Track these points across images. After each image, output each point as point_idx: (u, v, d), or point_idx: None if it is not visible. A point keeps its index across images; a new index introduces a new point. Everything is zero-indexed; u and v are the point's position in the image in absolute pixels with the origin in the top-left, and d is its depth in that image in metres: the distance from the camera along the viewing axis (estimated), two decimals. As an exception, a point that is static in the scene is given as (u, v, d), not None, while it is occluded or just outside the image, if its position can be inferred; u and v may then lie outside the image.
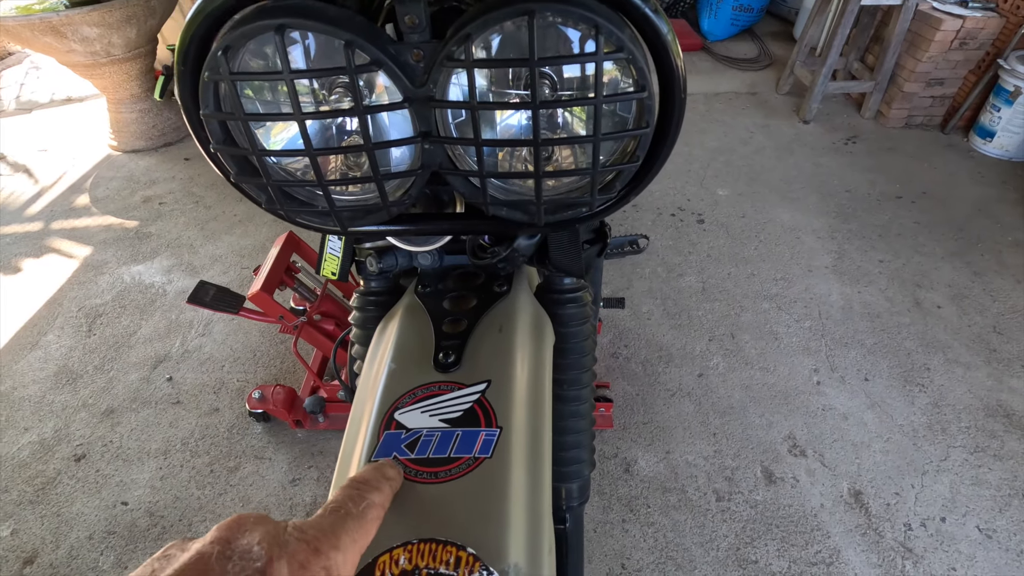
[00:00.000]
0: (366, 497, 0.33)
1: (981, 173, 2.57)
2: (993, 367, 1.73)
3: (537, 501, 0.40)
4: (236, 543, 0.27)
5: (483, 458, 0.41)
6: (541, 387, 0.48)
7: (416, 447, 0.42)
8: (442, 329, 0.51)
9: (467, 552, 0.36)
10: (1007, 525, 1.37)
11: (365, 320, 0.61)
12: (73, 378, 1.77)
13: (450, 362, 0.47)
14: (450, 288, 0.57)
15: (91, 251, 2.27)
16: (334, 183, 0.42)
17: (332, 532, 0.30)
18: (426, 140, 0.41)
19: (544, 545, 0.38)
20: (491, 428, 0.42)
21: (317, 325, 1.52)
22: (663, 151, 0.43)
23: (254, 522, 0.29)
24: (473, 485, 0.39)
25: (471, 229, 0.49)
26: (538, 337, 0.54)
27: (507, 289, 0.56)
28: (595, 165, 0.40)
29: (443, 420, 0.43)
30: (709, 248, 2.20)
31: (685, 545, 1.35)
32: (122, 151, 2.89)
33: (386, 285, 0.62)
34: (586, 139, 0.39)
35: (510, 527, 0.37)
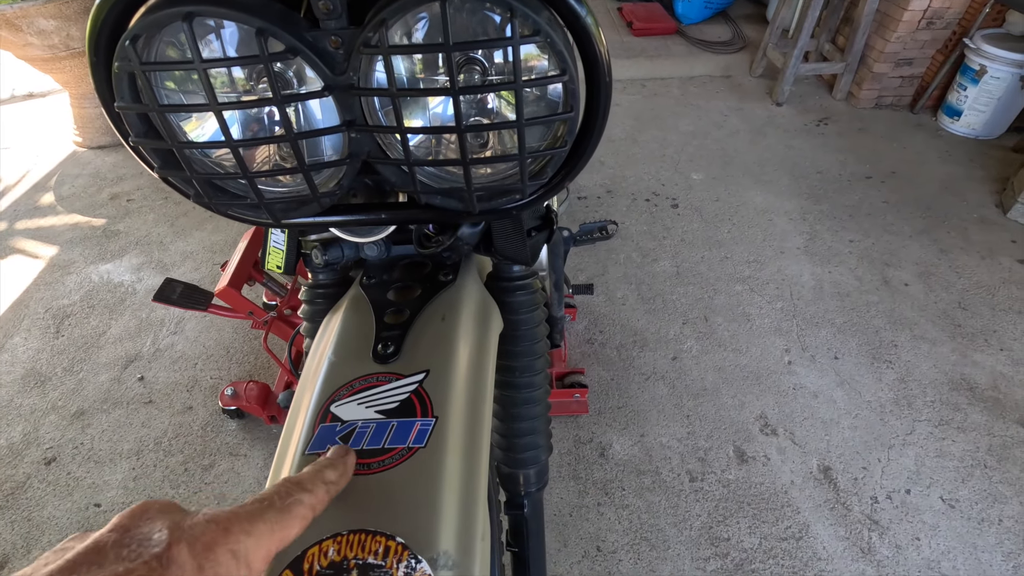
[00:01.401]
0: (294, 495, 0.32)
1: (949, 152, 2.61)
2: (958, 342, 1.77)
3: (471, 489, 0.40)
4: (135, 530, 0.26)
5: (417, 448, 0.41)
6: (482, 375, 0.48)
7: (351, 439, 0.41)
8: (384, 320, 0.51)
9: (396, 541, 0.36)
10: (969, 495, 1.41)
11: (313, 313, 0.61)
12: (41, 380, 1.74)
13: (389, 353, 0.47)
14: (396, 279, 0.57)
15: (57, 251, 2.22)
16: (259, 175, 0.41)
17: (247, 518, 0.29)
18: (351, 129, 0.40)
19: (476, 532, 0.38)
20: (427, 418, 0.42)
21: (288, 320, 1.50)
22: (592, 136, 0.43)
23: (159, 509, 0.28)
24: (405, 475, 0.39)
25: (407, 219, 0.49)
26: (483, 325, 0.54)
27: (452, 278, 0.56)
28: (522, 150, 0.40)
29: (379, 411, 0.43)
30: (683, 232, 2.21)
31: (659, 526, 1.37)
32: (87, 147, 2.82)
33: (334, 277, 0.61)
34: (510, 124, 0.39)
35: (441, 515, 0.38)
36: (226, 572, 0.27)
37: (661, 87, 3.21)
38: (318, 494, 0.34)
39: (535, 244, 0.60)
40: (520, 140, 0.39)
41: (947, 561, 1.29)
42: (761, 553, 1.32)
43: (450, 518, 0.38)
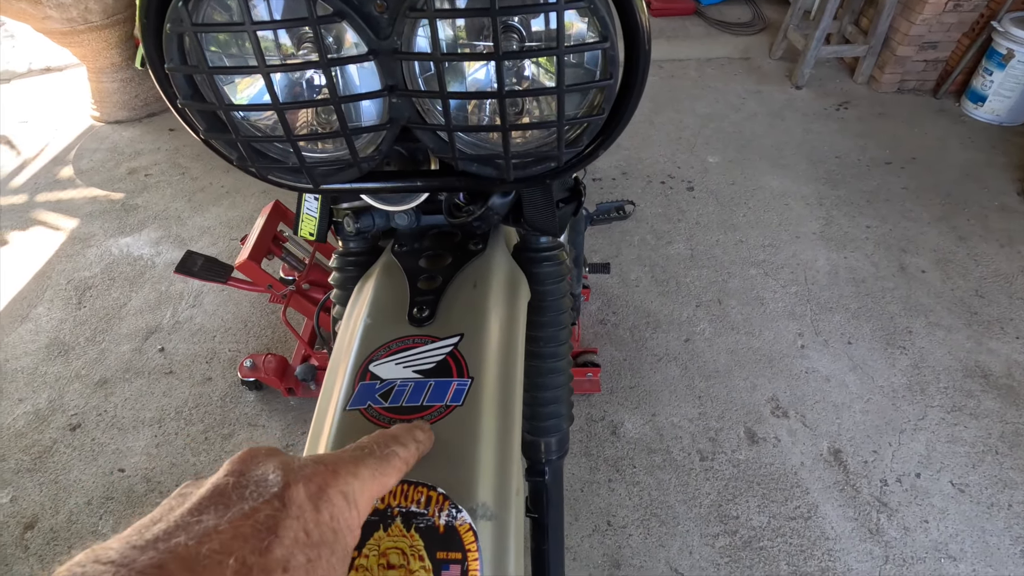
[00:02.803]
0: (390, 446, 0.33)
1: (971, 138, 2.57)
2: (973, 329, 1.76)
3: (506, 446, 0.42)
4: (250, 473, 0.27)
5: (454, 406, 0.42)
6: (513, 341, 0.49)
7: (390, 396, 0.43)
8: (417, 286, 0.52)
9: (437, 492, 0.37)
10: (979, 480, 1.42)
11: (344, 280, 0.62)
12: (65, 350, 1.78)
13: (424, 316, 0.48)
14: (426, 247, 0.58)
15: (78, 223, 2.25)
16: (302, 138, 0.42)
17: (351, 462, 0.30)
18: (392, 93, 0.41)
19: (512, 486, 0.40)
20: (463, 378, 0.44)
21: (306, 294, 1.52)
22: (629, 103, 0.43)
23: (266, 454, 0.28)
24: (445, 431, 0.41)
25: (442, 186, 0.49)
26: (512, 294, 0.55)
27: (482, 247, 0.57)
28: (560, 117, 0.40)
29: (416, 371, 0.45)
30: (698, 215, 2.21)
31: (669, 502, 1.39)
32: (105, 122, 2.84)
33: (364, 246, 0.62)
34: (550, 91, 0.39)
35: (479, 469, 0.39)
36: (339, 512, 0.27)
37: (678, 69, 3.16)
38: (410, 449, 0.35)
39: (563, 215, 0.61)
40: (559, 106, 0.40)
41: (955, 544, 1.31)
42: (770, 531, 1.34)
43: (487, 472, 0.39)
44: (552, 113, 0.44)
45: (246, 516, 0.24)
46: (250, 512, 0.25)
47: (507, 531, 0.38)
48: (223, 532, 0.23)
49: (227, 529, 0.24)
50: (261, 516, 0.25)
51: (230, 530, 0.24)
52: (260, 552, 0.23)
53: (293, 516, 0.25)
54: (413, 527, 0.36)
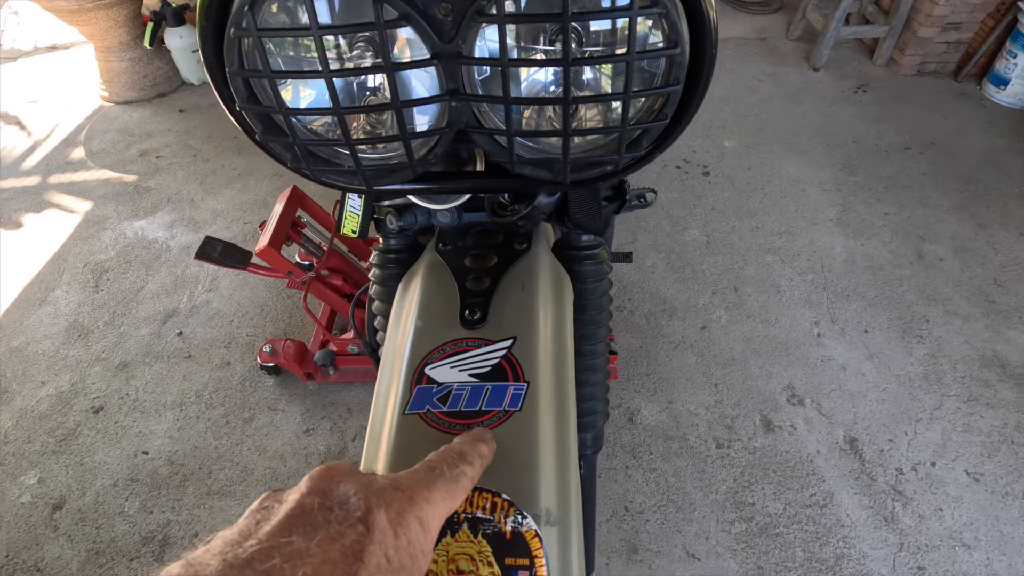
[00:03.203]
0: (459, 466, 0.34)
1: (992, 123, 2.53)
2: (991, 319, 1.76)
3: (564, 451, 0.42)
4: (333, 493, 0.27)
5: (512, 411, 0.42)
6: (563, 343, 0.50)
7: (448, 400, 0.43)
8: (466, 286, 0.52)
9: (502, 498, 0.38)
10: (994, 469, 1.43)
11: (385, 277, 0.62)
12: (85, 333, 1.79)
13: (476, 319, 0.48)
14: (470, 246, 0.58)
15: (91, 206, 2.25)
16: (361, 142, 0.42)
17: (426, 486, 0.30)
18: (454, 98, 0.41)
19: (572, 491, 0.41)
20: (519, 383, 0.44)
21: (325, 280, 1.53)
22: (691, 107, 0.42)
23: (345, 473, 0.29)
24: (504, 436, 0.41)
25: (495, 187, 0.49)
26: (558, 294, 0.55)
27: (527, 247, 0.57)
28: (624, 123, 0.40)
29: (472, 375, 0.45)
30: (714, 201, 2.19)
31: (685, 489, 1.41)
32: (114, 102, 2.82)
33: (406, 243, 0.62)
34: (617, 96, 0.39)
35: (541, 475, 0.40)
36: (415, 538, 0.28)
37: (693, 49, 3.10)
38: (476, 467, 0.36)
39: (606, 213, 0.60)
40: (624, 112, 0.40)
41: (969, 532, 1.32)
42: (785, 518, 1.35)
43: (549, 478, 0.40)
44: (612, 117, 0.44)
45: (333, 539, 0.25)
46: (336, 535, 0.25)
47: (570, 536, 0.39)
48: (313, 556, 0.24)
49: (316, 552, 0.24)
50: (347, 540, 0.25)
51: (319, 553, 0.24)
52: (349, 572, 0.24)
53: (376, 541, 0.26)
54: (480, 533, 0.37)
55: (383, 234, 0.62)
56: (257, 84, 0.42)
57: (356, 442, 1.51)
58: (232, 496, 1.41)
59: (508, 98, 0.39)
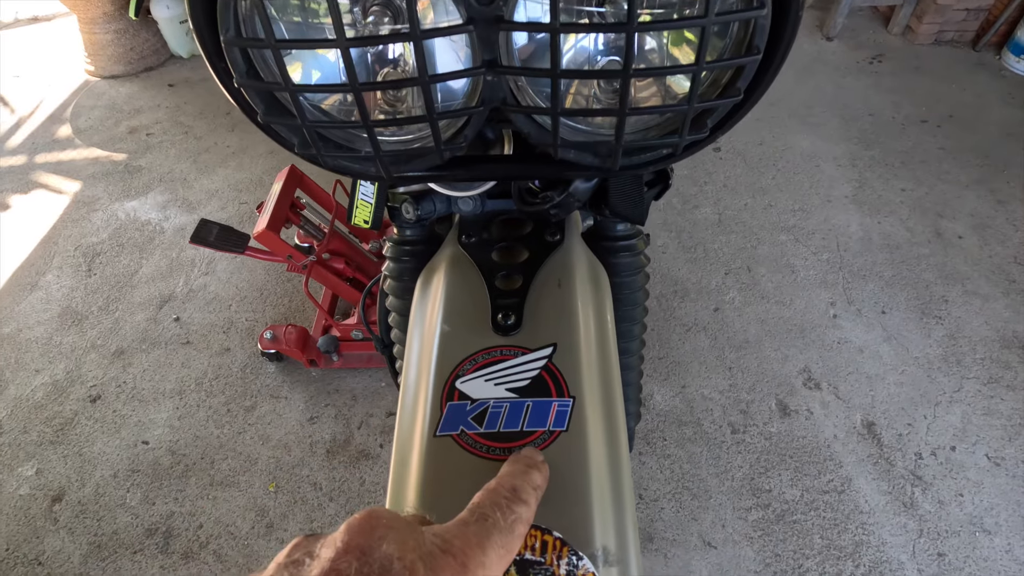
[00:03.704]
0: (515, 510, 0.29)
1: (1012, 94, 2.44)
2: (1011, 298, 1.71)
3: (618, 475, 0.37)
4: (373, 554, 0.23)
5: (559, 431, 0.37)
6: (608, 348, 0.45)
7: (484, 420, 0.38)
8: (495, 285, 0.47)
9: (553, 536, 0.33)
10: (1015, 453, 1.40)
11: (401, 272, 0.57)
12: (79, 319, 1.74)
13: (510, 324, 0.43)
14: (496, 237, 0.52)
15: (80, 186, 2.17)
16: (383, 123, 0.36)
17: (479, 547, 0.26)
18: (490, 71, 0.35)
19: (629, 523, 0.36)
20: (564, 398, 0.39)
21: (326, 264, 1.47)
22: (766, 80, 0.36)
23: (388, 526, 0.25)
24: (551, 461, 0.36)
25: (532, 174, 0.43)
26: (597, 291, 0.49)
27: (560, 238, 0.51)
28: (692, 99, 0.34)
29: (510, 389, 0.40)
30: (725, 178, 2.12)
31: (701, 476, 1.38)
32: (100, 76, 2.70)
33: (423, 233, 0.57)
34: (688, 68, 0.33)
35: (594, 506, 0.35)
36: None
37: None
38: (532, 505, 0.31)
39: (647, 200, 0.55)
40: (693, 86, 0.33)
41: (990, 517, 1.30)
42: (803, 505, 1.33)
43: (605, 509, 0.35)
44: (672, 92, 0.38)
45: None
46: None
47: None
48: None
49: None
50: None
51: None
52: None
53: None
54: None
55: (398, 224, 0.56)
56: (258, 57, 0.35)
57: (362, 430, 1.47)
58: (236, 487, 1.38)
59: (557, 71, 0.33)
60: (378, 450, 1.43)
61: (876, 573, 1.23)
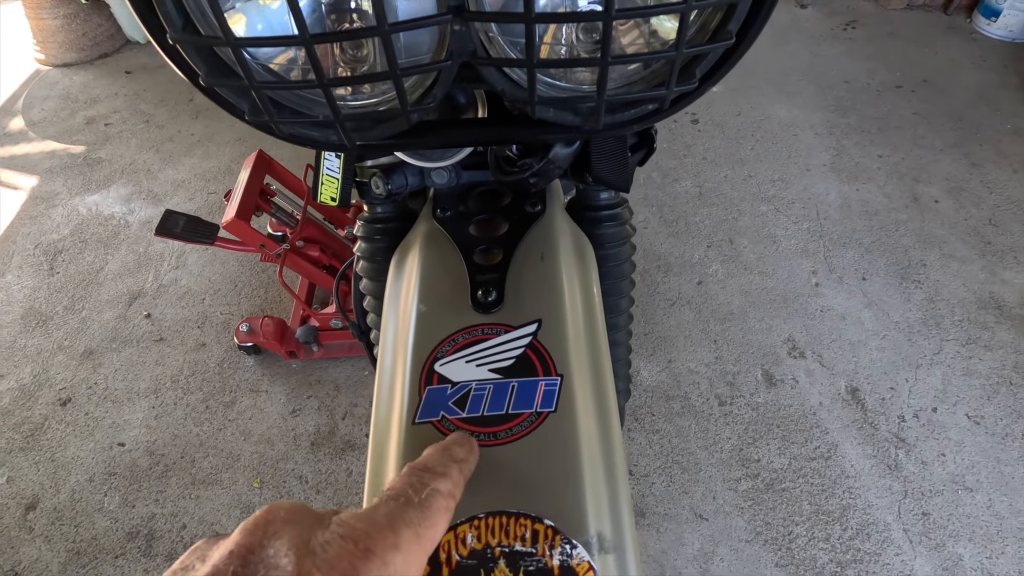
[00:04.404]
0: (428, 483, 0.27)
1: (983, 57, 2.46)
2: (987, 259, 1.73)
3: (611, 457, 0.35)
4: (261, 552, 0.22)
5: (547, 412, 0.35)
6: (595, 322, 0.42)
7: (467, 404, 0.35)
8: (474, 260, 0.44)
9: (544, 524, 0.31)
10: (994, 411, 1.42)
11: (374, 252, 0.53)
12: (43, 320, 1.66)
13: (491, 300, 0.40)
14: (473, 210, 0.49)
15: (37, 181, 2.07)
16: (339, 82, 0.32)
17: (389, 527, 0.24)
18: (457, 18, 0.31)
19: (624, 506, 0.34)
20: (551, 376, 0.36)
21: (301, 252, 1.42)
22: (758, 21, 0.34)
23: (284, 520, 0.23)
24: (540, 444, 0.34)
25: (508, 138, 0.40)
26: (582, 263, 0.47)
27: (541, 208, 0.48)
28: (680, 43, 0.31)
29: (493, 370, 0.37)
30: (704, 150, 2.10)
31: (690, 449, 1.38)
32: (52, 65, 2.57)
33: (394, 210, 0.53)
34: (674, 7, 0.30)
35: (587, 490, 0.32)
36: None
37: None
38: (452, 476, 0.29)
39: (631, 165, 0.52)
40: (682, 27, 0.30)
41: (971, 475, 1.32)
42: (791, 473, 1.34)
43: (598, 493, 0.33)
44: (658, 38, 0.35)
45: None
46: None
47: (628, 565, 0.32)
48: None
49: None
50: None
51: None
52: None
53: None
54: (522, 570, 0.30)
55: (368, 200, 0.52)
56: (195, 8, 0.31)
57: (346, 420, 1.44)
58: (219, 485, 1.34)
59: (531, 15, 0.29)
60: (364, 440, 1.41)
61: (863, 535, 1.24)
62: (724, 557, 1.23)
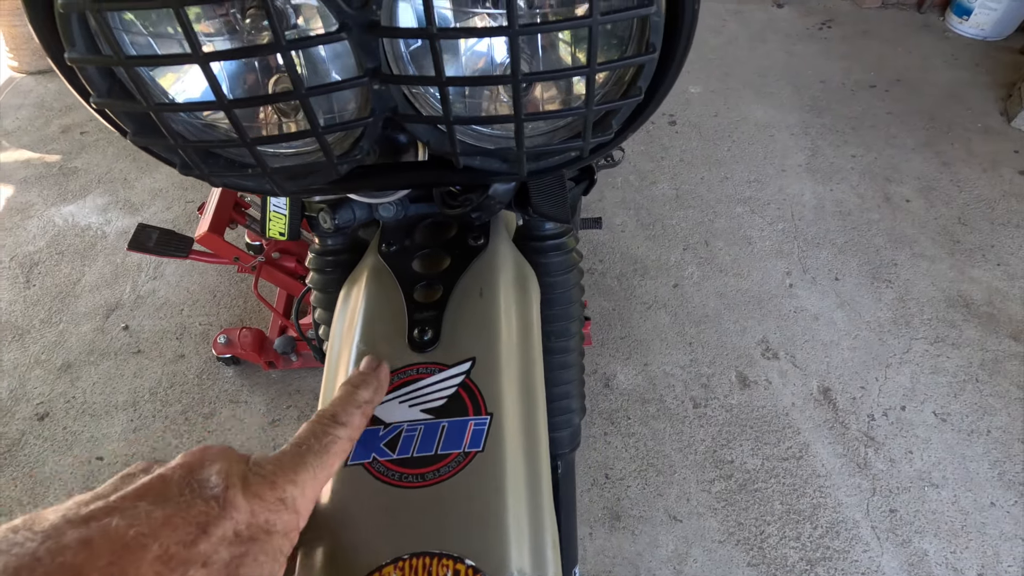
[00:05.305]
0: (330, 432, 0.33)
1: (955, 55, 2.49)
2: (956, 258, 1.77)
3: (536, 492, 0.37)
4: (198, 472, 0.28)
5: (474, 452, 0.36)
6: (531, 356, 0.43)
7: (398, 445, 0.37)
8: (414, 298, 0.45)
9: (465, 564, 0.32)
10: (960, 408, 1.46)
11: (326, 283, 0.54)
12: (20, 334, 1.66)
13: (427, 339, 0.42)
14: (418, 244, 0.50)
15: (12, 191, 2.05)
16: (262, 141, 0.33)
17: (291, 468, 0.31)
18: (374, 79, 0.32)
19: (547, 542, 0.35)
20: (480, 416, 0.38)
21: (277, 263, 1.42)
22: (668, 78, 0.35)
23: (216, 453, 0.29)
24: (466, 485, 0.35)
25: (439, 180, 0.41)
26: (523, 296, 0.48)
27: (484, 242, 0.49)
28: (589, 101, 0.32)
29: (425, 410, 0.38)
30: (682, 152, 2.12)
31: (665, 452, 1.40)
32: (25, 72, 2.54)
33: (344, 242, 0.54)
34: (579, 71, 0.31)
35: (510, 530, 0.34)
36: (275, 517, 0.28)
37: None
38: (354, 422, 0.35)
39: (572, 197, 0.53)
40: (589, 89, 0.32)
41: (937, 472, 1.36)
42: (764, 473, 1.36)
43: (520, 531, 0.34)
44: (574, 95, 0.36)
45: (180, 509, 0.26)
46: (185, 506, 0.26)
47: (550, 599, 0.33)
48: (155, 520, 0.25)
49: (160, 518, 0.25)
50: (195, 511, 0.26)
51: (162, 519, 0.25)
52: (185, 544, 0.25)
53: (226, 518, 0.26)
54: (443, 609, 0.31)
55: (318, 234, 0.53)
56: (120, 72, 0.32)
57: (326, 430, 1.45)
58: (198, 497, 1.35)
59: (442, 78, 0.31)
60: (343, 449, 1.41)
61: (832, 533, 1.28)
62: (697, 558, 1.25)
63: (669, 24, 0.33)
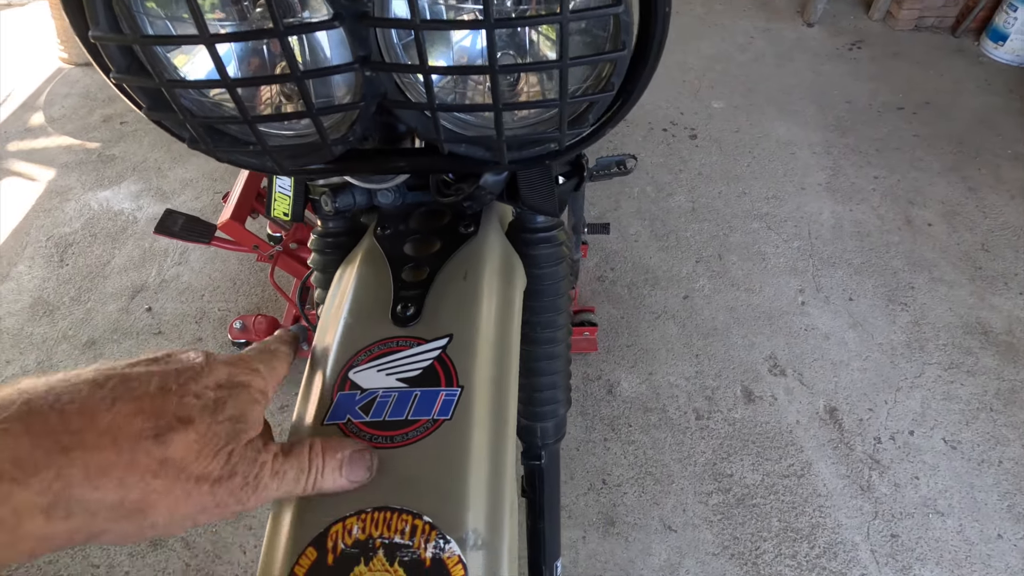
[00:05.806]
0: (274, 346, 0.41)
1: (988, 81, 2.45)
2: (976, 284, 1.73)
3: (499, 462, 0.38)
4: (179, 354, 0.34)
5: (442, 420, 0.38)
6: (507, 339, 0.45)
7: (371, 409, 0.39)
8: (401, 277, 0.47)
9: (423, 520, 0.34)
10: (972, 437, 1.43)
11: (325, 264, 0.57)
12: (50, 310, 1.74)
13: (409, 315, 0.44)
14: (412, 229, 0.53)
15: (54, 175, 2.15)
16: (261, 119, 0.36)
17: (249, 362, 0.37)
18: (365, 66, 0.35)
19: (504, 508, 0.37)
20: (451, 388, 0.40)
21: (293, 254, 1.47)
22: (642, 76, 0.37)
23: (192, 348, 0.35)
24: (431, 449, 0.37)
25: (428, 167, 0.44)
26: (507, 283, 0.50)
27: (474, 230, 0.52)
28: (563, 95, 0.34)
29: (401, 379, 0.41)
30: (700, 165, 2.12)
31: (664, 461, 1.40)
32: (74, 64, 2.67)
33: (345, 225, 0.57)
34: (552, 65, 0.33)
35: (469, 492, 0.36)
36: (248, 378, 0.35)
37: (682, 4, 2.97)
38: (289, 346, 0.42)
39: (562, 192, 0.55)
40: (562, 83, 0.34)
41: (943, 499, 1.33)
42: (763, 489, 1.35)
43: (479, 495, 0.36)
44: (553, 87, 0.38)
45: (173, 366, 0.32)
46: (177, 364, 0.33)
47: (500, 559, 0.35)
48: (153, 372, 0.31)
49: (157, 369, 0.31)
50: (184, 366, 0.32)
51: (159, 368, 0.32)
52: (180, 383, 0.31)
53: (210, 372, 0.33)
54: (397, 560, 0.33)
55: (320, 216, 0.56)
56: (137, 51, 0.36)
57: (332, 418, 1.48)
58: (205, 475, 1.39)
59: (426, 67, 0.33)
60: (347, 438, 1.45)
61: (830, 554, 1.26)
62: (690, 569, 1.25)
63: (644, 24, 0.35)
